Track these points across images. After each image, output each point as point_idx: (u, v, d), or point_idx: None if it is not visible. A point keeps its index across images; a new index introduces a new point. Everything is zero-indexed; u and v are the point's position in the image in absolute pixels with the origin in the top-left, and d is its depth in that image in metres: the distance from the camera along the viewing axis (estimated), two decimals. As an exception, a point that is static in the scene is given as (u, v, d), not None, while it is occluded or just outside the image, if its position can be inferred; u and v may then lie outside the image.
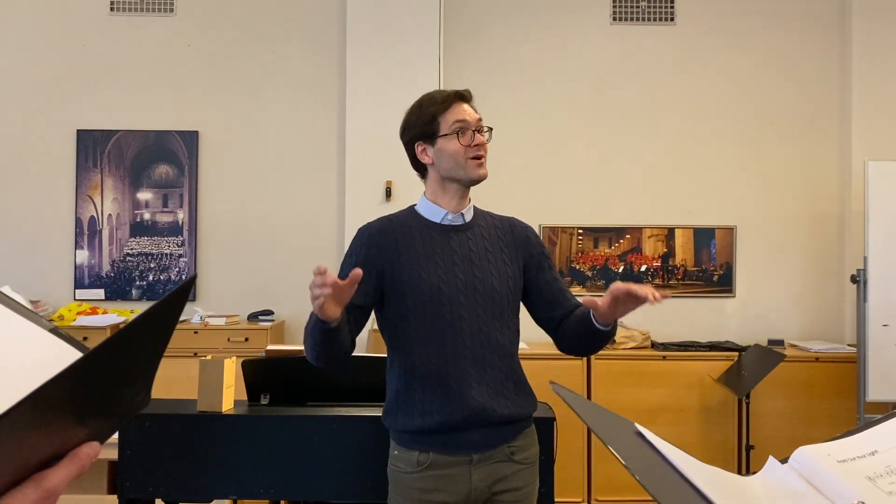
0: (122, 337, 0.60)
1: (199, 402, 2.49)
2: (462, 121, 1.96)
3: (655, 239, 4.98)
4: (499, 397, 1.95)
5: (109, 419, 0.68)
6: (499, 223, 2.09)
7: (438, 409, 1.91)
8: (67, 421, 0.61)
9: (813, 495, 0.81)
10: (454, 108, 1.98)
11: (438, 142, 1.98)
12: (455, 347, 1.93)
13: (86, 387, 0.60)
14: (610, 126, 4.99)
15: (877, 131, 4.87)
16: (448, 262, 1.96)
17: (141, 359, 0.67)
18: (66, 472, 0.63)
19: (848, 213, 4.90)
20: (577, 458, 4.32)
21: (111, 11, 4.99)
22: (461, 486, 1.93)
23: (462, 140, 1.96)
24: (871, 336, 4.28)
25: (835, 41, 5.01)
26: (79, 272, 4.93)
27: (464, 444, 1.93)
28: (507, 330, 2.00)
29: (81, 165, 4.95)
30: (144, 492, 2.42)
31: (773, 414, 4.38)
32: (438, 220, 2.01)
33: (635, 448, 0.80)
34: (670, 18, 5.02)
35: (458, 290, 1.94)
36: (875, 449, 0.85)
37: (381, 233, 1.99)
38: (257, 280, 4.93)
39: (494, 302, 1.97)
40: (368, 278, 1.91)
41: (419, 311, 1.94)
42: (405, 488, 1.95)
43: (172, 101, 4.98)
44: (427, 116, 1.99)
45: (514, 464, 1.98)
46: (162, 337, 0.69)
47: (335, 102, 4.93)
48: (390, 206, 4.50)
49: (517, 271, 2.03)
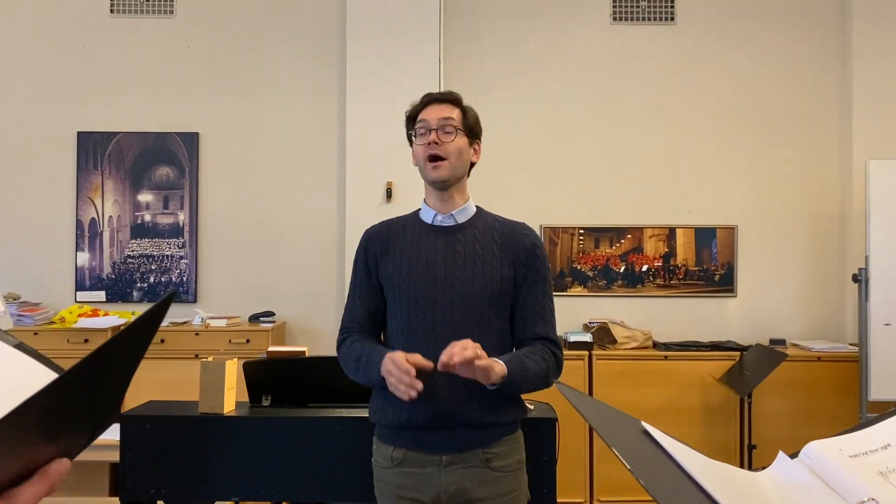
0: (97, 357, 0.59)
1: (201, 403, 2.49)
2: (422, 121, 1.98)
3: (656, 239, 4.98)
4: (470, 401, 1.90)
5: (81, 436, 0.67)
6: (499, 227, 2.03)
7: (406, 406, 1.90)
8: (39, 440, 0.59)
9: (824, 491, 0.80)
10: (426, 109, 2.00)
11: (412, 145, 2.03)
12: (426, 347, 1.90)
13: (60, 407, 0.59)
14: (611, 126, 4.99)
15: (877, 130, 4.87)
16: (430, 262, 1.96)
17: (115, 377, 0.66)
18: (37, 489, 0.61)
19: (849, 212, 4.90)
20: (579, 459, 4.31)
21: (111, 13, 4.99)
22: (430, 486, 1.92)
23: (418, 141, 1.98)
24: (873, 335, 4.27)
25: (835, 40, 5.01)
26: (80, 274, 4.93)
27: (433, 443, 1.92)
28: (489, 336, 1.93)
29: (82, 167, 4.95)
30: (146, 494, 2.42)
31: (775, 413, 4.38)
32: (429, 221, 2.03)
33: (640, 448, 0.79)
34: (671, 18, 5.02)
35: (436, 290, 1.93)
36: (888, 443, 0.84)
37: (376, 234, 2.05)
38: (258, 281, 4.93)
39: (473, 305, 1.93)
40: (371, 278, 2.03)
41: (403, 309, 1.95)
42: (383, 483, 1.99)
43: (172, 103, 4.98)
44: (409, 116, 2.04)
45: (490, 471, 1.93)
46: (137, 354, 0.68)
47: (335, 103, 4.93)
48: (391, 206, 4.50)
49: (507, 275, 1.97)
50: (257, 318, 4.74)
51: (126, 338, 0.63)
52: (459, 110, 2.01)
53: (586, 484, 4.34)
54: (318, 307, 4.86)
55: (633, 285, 4.97)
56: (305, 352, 2.91)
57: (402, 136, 2.08)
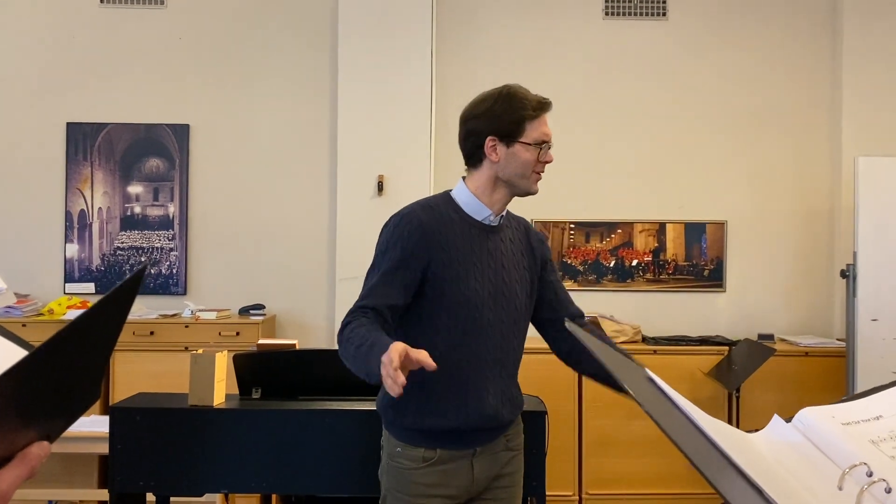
0: (68, 333, 0.58)
1: (191, 396, 2.49)
2: (546, 136, 1.95)
3: (647, 233, 4.99)
4: (507, 403, 1.99)
5: (59, 418, 0.65)
6: (517, 226, 2.09)
7: (454, 412, 1.90)
8: (15, 422, 0.58)
9: (816, 455, 0.81)
10: (543, 118, 1.95)
11: (516, 146, 1.92)
12: (479, 353, 1.92)
13: (32, 387, 0.57)
14: (602, 120, 5.00)
15: (867, 127, 4.89)
16: (485, 265, 1.94)
17: (90, 355, 0.65)
18: (16, 473, 0.60)
19: (838, 209, 4.93)
20: (568, 452, 4.33)
21: (101, 3, 4.95)
22: (463, 478, 1.95)
23: (540, 156, 1.95)
24: (860, 331, 4.30)
25: (826, 37, 5.03)
26: (69, 266, 4.91)
27: (470, 441, 1.95)
28: (522, 336, 2.03)
29: (71, 159, 4.92)
30: (135, 486, 2.42)
31: (763, 408, 4.40)
32: (480, 218, 1.97)
33: (647, 390, 0.81)
34: (662, 13, 5.03)
35: (491, 294, 1.93)
36: (880, 414, 0.86)
37: (428, 224, 1.89)
38: (248, 274, 4.92)
39: (516, 308, 1.98)
40: (413, 273, 1.86)
41: (454, 311, 1.89)
42: (409, 484, 1.93)
43: (163, 95, 4.95)
44: (516, 116, 1.91)
45: (509, 451, 2.03)
46: (112, 331, 0.66)
47: (327, 95, 4.91)
48: (382, 200, 4.49)
49: (535, 278, 2.05)
50: (247, 310, 4.73)
51: (97, 314, 0.61)
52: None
53: (575, 476, 4.36)
54: (309, 301, 4.85)
55: (623, 280, 4.98)
56: (295, 345, 2.91)
57: (394, 129, 2.07)
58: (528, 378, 2.22)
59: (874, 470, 0.76)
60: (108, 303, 0.62)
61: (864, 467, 0.76)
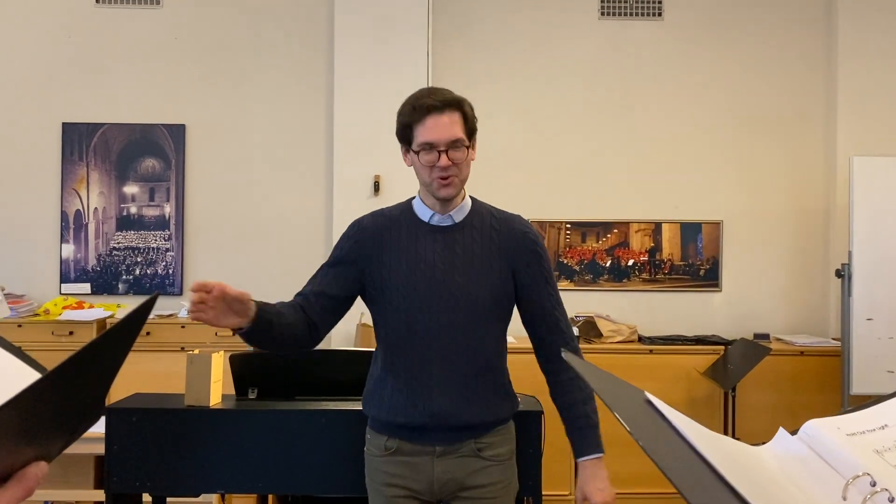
0: (77, 361, 0.58)
1: (187, 396, 2.49)
2: (428, 143, 1.86)
3: (643, 233, 5.00)
4: (467, 405, 1.92)
5: (59, 439, 0.66)
6: (497, 223, 1.98)
7: (402, 409, 1.93)
8: (17, 443, 0.58)
9: (821, 466, 0.81)
10: (426, 122, 1.85)
11: (412, 153, 1.92)
12: (423, 353, 1.91)
13: (37, 411, 0.57)
14: (598, 120, 5.00)
15: (862, 127, 4.91)
16: (429, 264, 1.91)
17: (95, 380, 0.65)
18: (13, 494, 0.60)
19: (833, 209, 4.94)
20: (565, 452, 4.32)
21: (97, 3, 4.94)
22: (424, 475, 1.94)
23: (426, 161, 1.87)
24: (856, 330, 4.32)
25: (821, 37, 5.04)
26: (64, 266, 4.90)
27: (427, 438, 1.95)
28: (488, 338, 1.95)
29: (67, 159, 4.91)
30: (131, 486, 2.42)
31: (759, 407, 4.41)
32: (426, 219, 1.96)
33: (643, 416, 0.79)
34: (658, 14, 5.03)
35: (435, 294, 1.90)
36: (885, 423, 0.85)
37: (369, 228, 1.99)
38: (245, 274, 4.91)
39: (473, 309, 1.91)
40: (346, 271, 1.95)
41: (394, 311, 1.93)
42: (374, 471, 2.00)
43: (159, 95, 4.95)
44: (404, 121, 1.90)
45: (482, 460, 1.96)
46: (119, 357, 0.67)
47: (323, 96, 4.91)
48: (378, 200, 4.50)
49: (506, 277, 1.95)
50: (244, 310, 4.72)
51: (105, 343, 0.62)
52: (460, 115, 1.90)
53: (571, 476, 4.36)
54: (305, 300, 4.85)
55: (619, 279, 4.99)
56: (292, 345, 2.91)
57: (390, 128, 2.04)
58: (525, 378, 2.22)
59: (878, 480, 0.76)
60: (117, 331, 0.63)
61: (867, 477, 0.76)
